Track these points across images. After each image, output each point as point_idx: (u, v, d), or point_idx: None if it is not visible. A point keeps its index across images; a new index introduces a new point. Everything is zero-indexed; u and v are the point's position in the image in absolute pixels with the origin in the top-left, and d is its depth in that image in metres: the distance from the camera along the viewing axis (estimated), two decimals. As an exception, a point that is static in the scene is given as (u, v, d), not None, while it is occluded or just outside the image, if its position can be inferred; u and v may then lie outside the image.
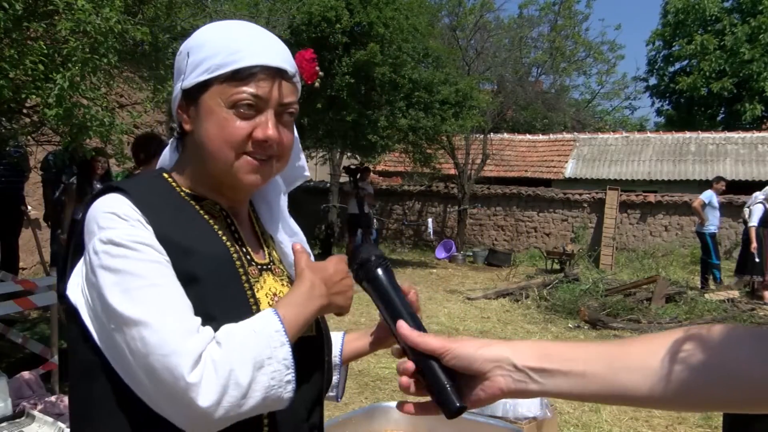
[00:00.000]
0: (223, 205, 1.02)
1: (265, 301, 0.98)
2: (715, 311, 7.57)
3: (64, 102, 2.62)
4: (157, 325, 0.82)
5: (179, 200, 0.98)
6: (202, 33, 0.99)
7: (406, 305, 0.91)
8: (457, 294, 9.01)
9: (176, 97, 1.00)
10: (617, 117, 30.02)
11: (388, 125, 10.93)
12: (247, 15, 6.23)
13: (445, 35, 15.78)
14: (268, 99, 0.95)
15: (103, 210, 0.89)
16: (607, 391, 0.74)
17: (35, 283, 3.87)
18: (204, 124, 0.95)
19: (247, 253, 1.01)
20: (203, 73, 0.94)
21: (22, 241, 6.93)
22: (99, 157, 5.51)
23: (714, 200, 9.61)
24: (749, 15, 20.93)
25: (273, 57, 0.96)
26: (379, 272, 0.93)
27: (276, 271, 1.05)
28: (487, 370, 0.78)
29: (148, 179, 1.03)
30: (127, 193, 0.92)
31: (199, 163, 0.99)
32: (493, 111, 14.92)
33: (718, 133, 17.82)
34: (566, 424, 4.18)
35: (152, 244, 0.87)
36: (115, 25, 2.68)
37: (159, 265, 0.87)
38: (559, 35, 22.31)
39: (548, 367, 0.76)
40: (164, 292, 0.85)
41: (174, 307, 0.84)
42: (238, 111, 0.93)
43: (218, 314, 0.89)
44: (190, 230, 0.94)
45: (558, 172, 17.28)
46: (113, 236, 0.86)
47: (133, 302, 0.83)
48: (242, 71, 0.93)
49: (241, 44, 0.95)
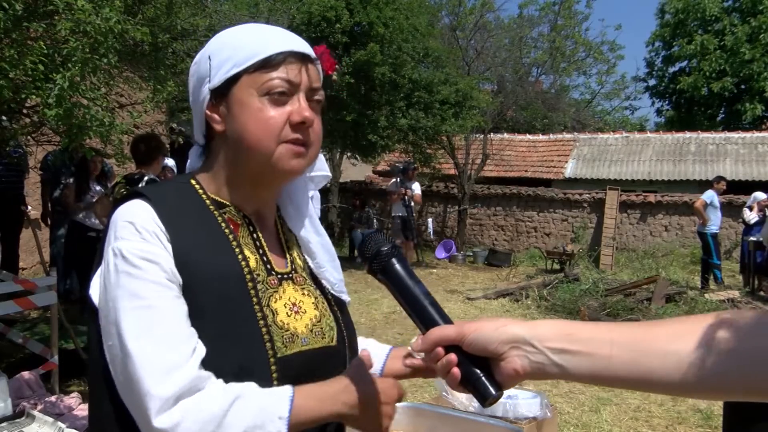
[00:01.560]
0: (247, 212, 1.02)
1: (283, 311, 0.97)
2: (715, 311, 7.56)
3: (64, 102, 2.62)
4: (138, 358, 0.82)
5: (203, 210, 0.98)
6: (221, 37, 1.01)
7: (426, 294, 0.88)
8: (457, 294, 9.01)
9: (204, 100, 0.99)
10: (617, 117, 30.02)
11: (388, 125, 10.93)
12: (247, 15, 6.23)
13: (445, 35, 15.77)
14: (299, 83, 0.96)
15: (123, 218, 0.90)
16: (632, 375, 0.71)
17: (35, 283, 3.87)
18: (238, 118, 0.95)
19: (268, 262, 1.01)
20: (232, 68, 0.95)
21: (22, 241, 6.93)
22: (96, 157, 5.52)
23: (715, 200, 9.61)
24: (749, 15, 20.92)
25: (297, 44, 0.98)
26: (394, 263, 0.90)
27: (297, 280, 1.04)
28: (503, 352, 0.76)
29: (175, 186, 1.03)
30: (152, 201, 0.92)
31: (231, 163, 0.99)
32: (493, 111, 14.91)
33: (718, 133, 17.82)
34: (566, 424, 4.18)
35: (160, 263, 0.87)
36: (115, 25, 2.68)
37: (159, 286, 0.86)
38: (559, 35, 22.28)
39: (570, 347, 0.73)
40: (157, 316, 0.85)
41: (162, 335, 0.84)
42: (272, 98, 0.95)
43: (225, 333, 0.89)
44: (208, 245, 0.94)
45: (558, 172, 17.28)
46: (123, 249, 0.87)
47: (123, 323, 0.84)
48: (271, 58, 0.95)
49: (264, 36, 0.98)
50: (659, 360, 0.69)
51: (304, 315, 1.01)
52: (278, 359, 0.93)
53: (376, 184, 16.48)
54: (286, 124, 0.95)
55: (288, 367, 0.94)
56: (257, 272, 0.97)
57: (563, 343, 0.73)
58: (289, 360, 0.95)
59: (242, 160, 0.98)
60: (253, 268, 0.97)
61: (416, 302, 0.87)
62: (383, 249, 0.91)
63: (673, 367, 0.68)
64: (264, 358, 0.91)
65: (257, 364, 0.91)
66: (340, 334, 1.06)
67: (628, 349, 0.71)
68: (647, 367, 0.69)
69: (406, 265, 0.91)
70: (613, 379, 0.72)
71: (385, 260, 0.90)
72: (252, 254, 0.99)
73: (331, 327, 1.04)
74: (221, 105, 0.97)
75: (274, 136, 0.94)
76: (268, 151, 0.95)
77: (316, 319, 1.02)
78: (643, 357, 0.70)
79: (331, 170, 14.26)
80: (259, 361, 0.91)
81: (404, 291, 0.88)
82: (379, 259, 0.90)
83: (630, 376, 0.71)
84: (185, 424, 0.80)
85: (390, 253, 0.90)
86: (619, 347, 0.71)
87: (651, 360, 0.69)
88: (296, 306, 1.00)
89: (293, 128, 0.95)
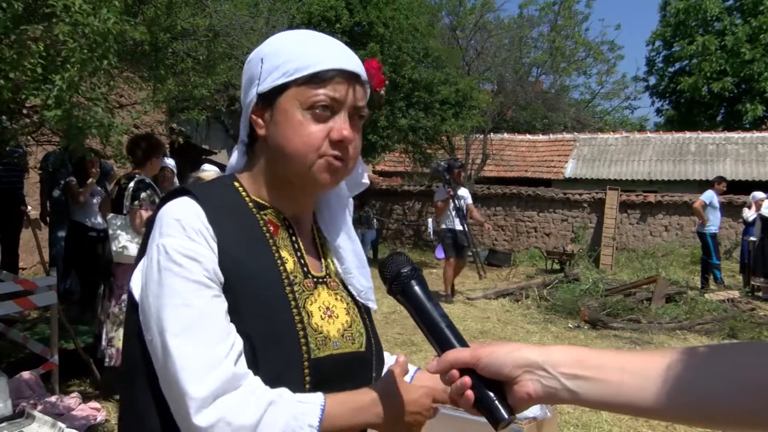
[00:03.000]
0: (287, 215, 1.04)
1: (317, 314, 0.99)
2: (715, 311, 7.57)
3: (63, 103, 2.62)
4: (176, 357, 0.85)
5: (245, 211, 1.00)
6: (277, 41, 1.02)
7: (444, 316, 0.90)
8: (457, 294, 9.00)
9: (251, 102, 1.01)
10: (617, 117, 30.02)
11: (388, 125, 10.93)
12: (247, 15, 6.22)
13: (445, 35, 15.79)
14: (344, 102, 0.98)
15: (171, 215, 0.92)
16: (642, 402, 0.71)
17: (35, 283, 3.86)
18: (281, 127, 0.97)
19: (305, 265, 1.03)
20: (281, 77, 0.97)
21: (22, 241, 6.92)
22: (94, 158, 5.52)
23: (715, 200, 9.62)
24: (750, 15, 20.92)
25: (349, 62, 0.99)
26: (414, 285, 0.92)
27: (331, 285, 1.06)
28: (517, 375, 0.77)
29: (220, 187, 1.04)
30: (199, 199, 0.94)
31: (272, 167, 1.01)
32: (493, 111, 14.93)
33: (718, 133, 17.83)
34: (566, 424, 4.18)
35: (203, 261, 0.89)
36: (113, 27, 2.68)
37: (201, 285, 0.88)
38: (559, 35, 22.27)
39: (582, 373, 0.74)
40: (196, 314, 0.87)
41: (200, 334, 0.86)
42: (314, 113, 0.96)
43: (263, 332, 0.91)
44: (249, 246, 0.96)
45: (558, 172, 17.29)
46: (168, 246, 0.89)
47: (164, 320, 0.87)
48: (320, 74, 0.96)
49: (319, 49, 0.98)
50: (667, 387, 0.70)
51: (337, 319, 1.02)
52: (311, 360, 0.94)
53: (377, 184, 16.48)
54: (326, 140, 0.97)
55: (319, 369, 0.95)
56: (294, 274, 1.00)
57: (576, 369, 0.74)
58: (321, 362, 0.96)
59: (281, 166, 1.00)
60: (290, 270, 0.99)
61: (434, 325, 0.89)
62: (403, 271, 0.93)
63: (674, 396, 0.69)
64: (299, 358, 0.93)
65: (292, 364, 0.92)
66: (369, 341, 1.08)
67: (639, 376, 0.71)
68: (656, 395, 0.70)
69: (425, 287, 0.93)
70: (623, 405, 0.72)
71: (405, 282, 0.92)
72: (290, 256, 1.01)
73: (361, 333, 1.06)
74: (267, 110, 0.99)
75: (314, 150, 0.96)
76: (307, 163, 0.97)
77: (347, 324, 1.04)
78: (652, 384, 0.71)
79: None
80: (294, 361, 0.93)
81: (423, 313, 0.90)
82: (399, 281, 0.92)
83: (639, 403, 0.71)
84: (220, 428, 0.83)
85: (410, 275, 0.92)
86: (630, 374, 0.72)
87: (660, 387, 0.70)
88: (330, 310, 1.02)
89: (332, 145, 0.97)
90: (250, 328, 0.91)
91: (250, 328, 0.91)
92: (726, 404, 0.66)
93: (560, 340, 6.52)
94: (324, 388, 0.95)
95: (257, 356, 0.90)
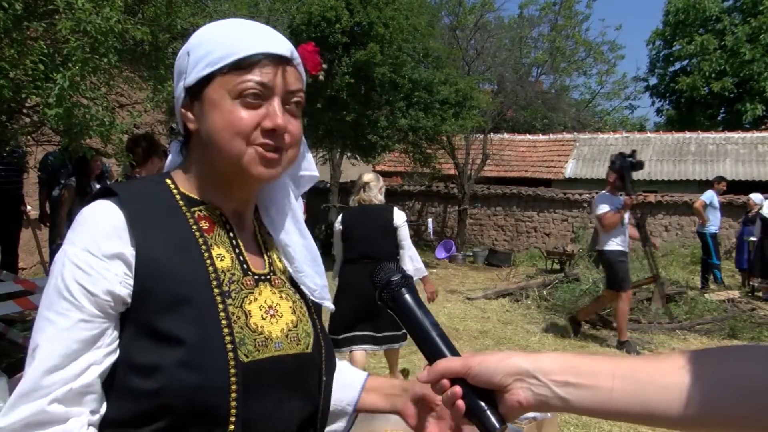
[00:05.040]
0: (224, 210, 0.99)
1: (257, 314, 0.94)
2: (715, 311, 7.57)
3: (64, 102, 2.62)
4: (32, 366, 0.83)
5: (173, 210, 0.95)
6: (201, 32, 0.98)
7: (434, 325, 0.88)
8: (457, 294, 9.01)
9: (179, 97, 0.98)
10: (617, 117, 30.03)
11: (388, 125, 10.92)
12: (247, 15, 6.22)
13: (445, 35, 15.77)
14: (274, 86, 0.93)
15: (85, 221, 0.89)
16: (633, 408, 0.70)
17: (35, 283, 3.86)
18: (209, 118, 0.93)
19: (245, 262, 0.98)
20: (205, 68, 0.93)
21: (22, 241, 6.92)
22: (97, 157, 5.51)
23: (715, 201, 9.62)
24: (750, 15, 20.93)
25: (275, 44, 0.94)
26: (404, 294, 0.90)
27: (275, 282, 1.00)
28: (507, 384, 0.76)
29: (150, 185, 1.00)
30: (120, 201, 0.90)
31: (206, 162, 0.97)
32: (493, 111, 14.92)
33: (718, 133, 17.83)
34: (566, 424, 4.18)
35: (94, 281, 0.85)
36: (115, 25, 2.68)
37: (72, 306, 0.84)
38: (559, 35, 22.30)
39: (573, 380, 0.73)
40: (49, 335, 0.83)
41: (41, 357, 0.82)
42: (244, 101, 0.91)
43: (187, 338, 0.86)
44: (174, 246, 0.91)
45: (558, 172, 17.29)
46: (68, 254, 0.87)
47: (35, 324, 0.86)
48: (245, 60, 0.91)
49: (242, 35, 0.94)
50: (659, 392, 0.69)
51: (281, 319, 0.97)
52: (241, 365, 0.88)
53: (376, 184, 16.44)
54: (258, 128, 0.92)
55: (256, 373, 0.90)
56: (232, 272, 0.94)
57: (566, 376, 0.74)
58: (260, 364, 0.91)
59: (214, 160, 0.95)
60: (227, 267, 0.94)
61: (425, 333, 0.87)
62: (393, 279, 0.90)
63: (674, 399, 0.68)
64: (222, 365, 0.86)
65: (214, 371, 0.86)
66: (317, 341, 1.02)
67: (630, 381, 0.71)
68: (647, 400, 0.70)
69: (416, 295, 0.91)
70: (615, 411, 0.72)
71: (395, 291, 0.90)
72: (228, 253, 0.96)
73: (307, 333, 1.00)
74: (195, 104, 0.95)
75: (243, 137, 0.91)
76: (238, 153, 0.92)
77: (292, 324, 0.98)
78: (643, 389, 0.70)
79: (331, 170, 14.00)
80: (217, 368, 0.86)
81: (413, 322, 0.89)
82: (389, 290, 0.90)
83: (631, 408, 0.71)
84: None
85: (400, 284, 0.90)
86: (621, 379, 0.71)
87: (651, 392, 0.70)
88: (272, 309, 0.96)
89: (264, 134, 0.92)
90: (183, 332, 0.85)
91: (182, 332, 0.85)
92: (719, 407, 0.66)
93: (560, 340, 6.52)
94: (262, 393, 0.91)
95: (190, 363, 0.84)
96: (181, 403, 0.84)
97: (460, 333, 6.74)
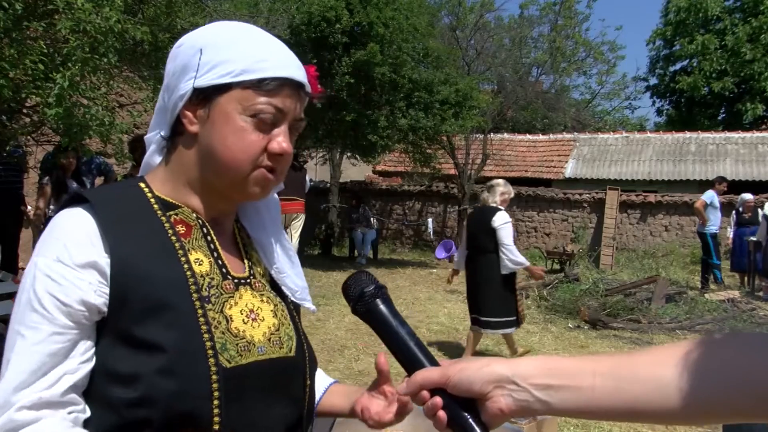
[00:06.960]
0: (200, 214, 0.97)
1: (239, 318, 0.92)
2: (715, 311, 7.57)
3: (64, 102, 2.62)
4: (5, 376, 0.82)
5: (147, 214, 0.93)
6: (217, 32, 0.94)
7: (411, 334, 0.86)
8: (457, 294, 9.00)
9: (183, 95, 0.92)
10: (617, 117, 30.03)
11: (388, 125, 10.92)
12: (247, 15, 6.22)
13: (445, 35, 15.78)
14: (288, 114, 0.93)
15: (56, 230, 0.87)
16: (616, 405, 0.69)
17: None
18: (218, 129, 0.90)
19: (224, 266, 0.96)
20: (224, 76, 0.90)
21: (22, 241, 6.93)
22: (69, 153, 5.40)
23: (715, 201, 9.63)
24: (750, 15, 20.93)
25: (297, 71, 0.94)
26: (379, 304, 0.88)
27: (256, 286, 0.99)
28: (488, 391, 0.75)
29: (123, 189, 0.97)
30: (94, 208, 0.88)
31: (196, 168, 0.94)
32: (493, 111, 14.92)
33: (719, 133, 17.82)
34: (566, 424, 4.18)
35: (66, 292, 0.83)
36: (115, 25, 2.68)
37: (43, 319, 0.82)
38: (559, 35, 22.30)
39: (553, 383, 0.72)
40: (19, 348, 0.82)
41: (11, 368, 0.81)
42: (257, 122, 0.90)
43: (167, 344, 0.84)
44: (150, 252, 0.89)
45: (558, 172, 17.29)
46: (39, 265, 0.85)
47: (7, 336, 0.84)
48: (269, 81, 0.90)
49: (267, 53, 0.92)
50: (641, 387, 0.68)
51: (262, 323, 0.95)
52: (223, 371, 0.87)
53: (377, 184, 16.48)
54: (264, 151, 0.92)
55: (240, 378, 0.89)
56: (211, 276, 0.93)
57: (546, 379, 0.73)
58: (244, 369, 0.90)
59: (210, 171, 0.93)
60: (206, 272, 0.92)
61: (401, 344, 0.85)
62: (366, 290, 0.89)
63: (656, 393, 0.67)
64: (204, 372, 0.85)
65: (195, 379, 0.84)
66: (300, 344, 1.01)
67: (611, 378, 0.70)
68: (630, 395, 0.68)
69: (391, 305, 0.89)
70: (598, 410, 0.71)
71: (369, 302, 0.88)
72: (206, 257, 0.94)
73: (290, 337, 0.99)
74: (201, 107, 0.92)
75: (251, 159, 0.91)
76: (242, 173, 0.92)
77: (274, 327, 0.97)
78: (625, 385, 0.69)
79: (331, 170, 13.98)
80: (198, 375, 0.85)
81: (389, 332, 0.87)
82: (363, 302, 0.88)
83: (614, 406, 0.69)
84: None
85: (374, 294, 0.88)
86: (602, 377, 0.70)
87: (633, 387, 0.68)
88: (254, 313, 0.95)
89: (269, 156, 0.92)
90: (162, 339, 0.83)
91: (161, 339, 0.83)
92: (704, 399, 0.65)
93: (560, 341, 6.52)
94: (246, 398, 0.90)
95: (170, 371, 0.83)
96: (163, 412, 0.82)
97: (460, 333, 6.74)
